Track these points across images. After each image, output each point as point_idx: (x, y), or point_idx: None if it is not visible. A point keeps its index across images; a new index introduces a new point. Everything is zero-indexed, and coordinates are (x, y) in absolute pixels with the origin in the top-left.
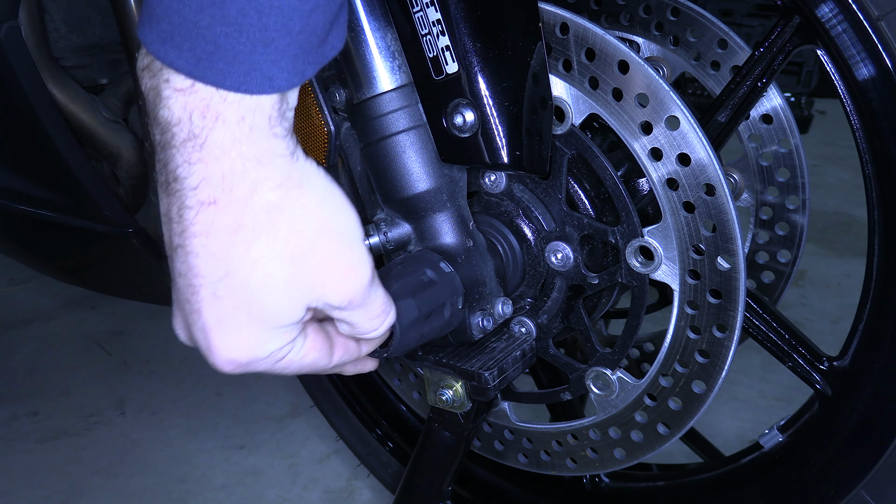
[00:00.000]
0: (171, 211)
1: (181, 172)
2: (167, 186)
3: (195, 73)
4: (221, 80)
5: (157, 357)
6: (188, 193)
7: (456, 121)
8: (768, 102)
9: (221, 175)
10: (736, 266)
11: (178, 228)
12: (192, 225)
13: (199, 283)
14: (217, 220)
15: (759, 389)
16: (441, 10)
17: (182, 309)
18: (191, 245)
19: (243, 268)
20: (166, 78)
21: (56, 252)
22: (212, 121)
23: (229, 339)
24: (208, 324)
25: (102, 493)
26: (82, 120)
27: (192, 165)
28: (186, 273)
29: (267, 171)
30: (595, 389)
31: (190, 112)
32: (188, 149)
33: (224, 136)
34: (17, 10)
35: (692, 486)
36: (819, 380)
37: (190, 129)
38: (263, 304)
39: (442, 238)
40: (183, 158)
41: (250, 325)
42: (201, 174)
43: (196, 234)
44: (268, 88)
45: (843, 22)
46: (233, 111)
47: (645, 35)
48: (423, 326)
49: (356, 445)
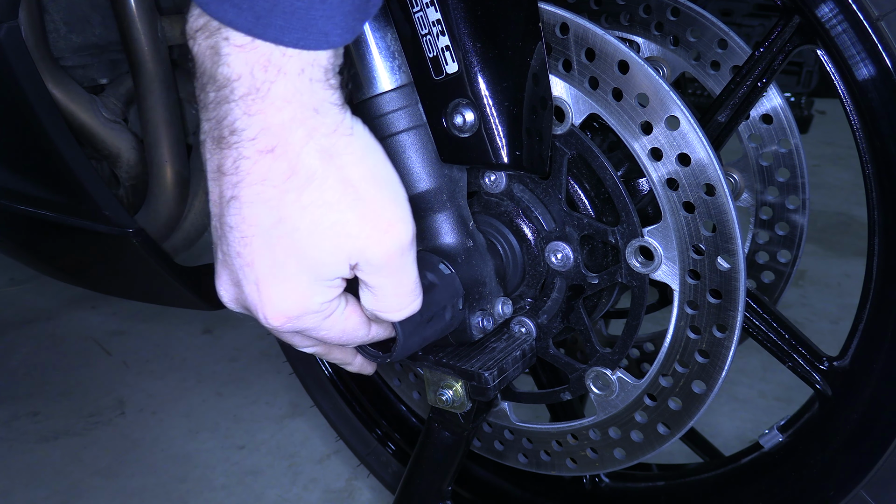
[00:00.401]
0: (224, 164)
1: (239, 125)
2: (221, 141)
3: (255, 31)
4: (280, 37)
5: (157, 357)
6: (246, 144)
7: (456, 121)
8: (768, 102)
9: (281, 123)
10: (736, 266)
11: (235, 180)
12: (248, 174)
13: (253, 232)
14: (273, 168)
15: (759, 389)
16: (441, 10)
17: (231, 266)
18: (246, 194)
19: (294, 213)
20: (225, 36)
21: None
22: (273, 74)
23: (280, 289)
24: (260, 274)
25: (102, 493)
26: (82, 120)
27: (251, 117)
28: (239, 224)
29: (322, 118)
30: (595, 389)
31: (251, 67)
32: (248, 102)
33: (286, 88)
34: (17, 10)
35: (692, 486)
36: (819, 380)
37: (251, 83)
38: (310, 250)
39: (442, 238)
40: (242, 111)
41: (299, 275)
42: (261, 124)
43: (252, 183)
44: (324, 44)
45: (843, 22)
46: (293, 65)
47: (645, 35)
48: (425, 330)
49: (356, 445)
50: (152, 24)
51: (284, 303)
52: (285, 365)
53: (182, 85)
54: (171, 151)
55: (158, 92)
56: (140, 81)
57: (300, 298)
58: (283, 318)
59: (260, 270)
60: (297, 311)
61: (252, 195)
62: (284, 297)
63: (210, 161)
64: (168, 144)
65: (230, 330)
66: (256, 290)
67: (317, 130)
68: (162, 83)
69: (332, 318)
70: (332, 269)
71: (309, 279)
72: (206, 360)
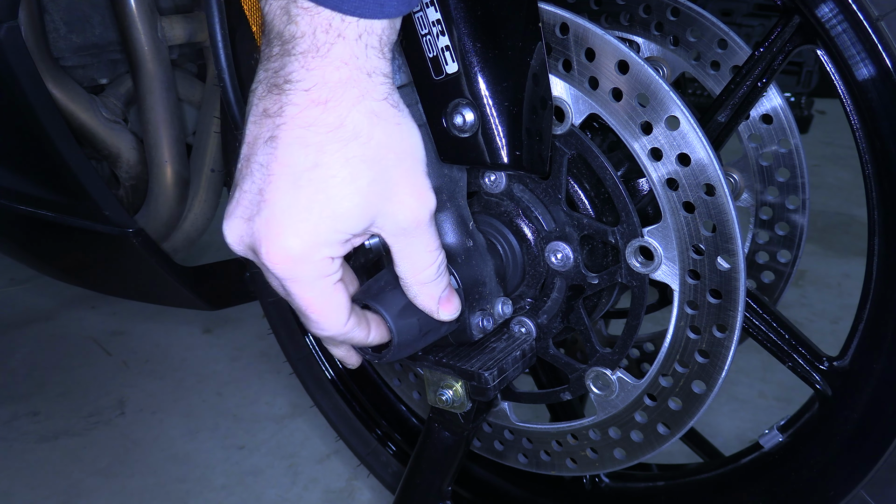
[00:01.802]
0: (271, 108)
1: (296, 76)
2: (275, 88)
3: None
4: (339, 5)
5: (157, 357)
6: (299, 93)
7: (456, 121)
8: (768, 102)
9: (338, 80)
10: (736, 266)
11: (278, 122)
12: (293, 119)
13: (282, 171)
14: (322, 118)
15: (759, 389)
16: (441, 10)
17: (248, 203)
18: (286, 136)
19: (334, 162)
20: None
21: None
22: (334, 36)
23: (292, 228)
24: (277, 210)
25: (102, 493)
26: (82, 120)
27: (309, 71)
28: (271, 164)
29: (375, 84)
30: (595, 389)
31: (314, 28)
32: (307, 58)
33: (344, 51)
34: (17, 10)
35: (692, 486)
36: (819, 380)
37: (313, 42)
38: (340, 200)
39: (442, 238)
40: (300, 65)
41: (318, 220)
42: (317, 79)
43: (296, 127)
44: (378, 13)
45: (843, 22)
46: (352, 30)
47: (645, 35)
48: (419, 342)
49: (356, 445)
50: (152, 24)
51: (290, 241)
52: (285, 365)
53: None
54: (171, 151)
55: (158, 92)
56: (140, 81)
57: (308, 242)
58: (283, 256)
59: (277, 207)
60: (299, 252)
61: (293, 138)
62: (293, 237)
63: (256, 105)
64: (168, 144)
65: (230, 330)
66: (266, 224)
67: (369, 94)
68: (162, 83)
69: (324, 282)
70: (352, 224)
71: (326, 228)
72: (206, 360)
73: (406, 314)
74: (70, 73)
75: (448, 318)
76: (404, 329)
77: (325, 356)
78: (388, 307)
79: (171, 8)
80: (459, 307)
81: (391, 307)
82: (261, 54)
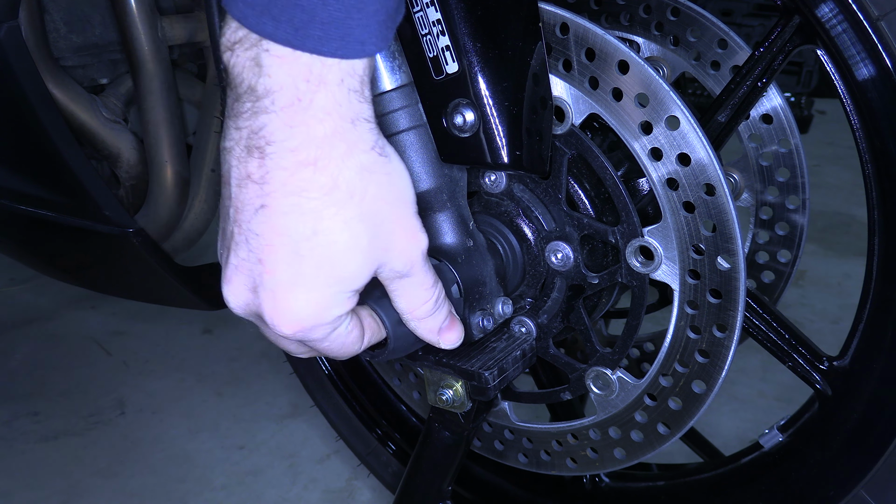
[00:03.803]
0: (254, 174)
1: (279, 136)
2: (255, 150)
3: (294, 43)
4: (320, 47)
5: (157, 357)
6: (285, 155)
7: (456, 121)
8: (768, 102)
9: (323, 135)
10: (736, 266)
11: (267, 189)
12: (283, 185)
13: (281, 242)
14: (314, 180)
15: (759, 389)
16: (441, 10)
17: (249, 272)
18: (279, 205)
19: (334, 227)
20: (266, 48)
21: (56, 252)
22: (315, 85)
23: (301, 299)
24: (281, 283)
25: (102, 493)
26: (82, 120)
27: (292, 129)
28: (267, 233)
29: (360, 133)
30: (595, 389)
31: (294, 78)
32: (289, 113)
33: (326, 99)
34: (17, 10)
35: (692, 486)
36: (819, 380)
37: (294, 94)
38: (346, 264)
39: (442, 238)
40: (282, 122)
41: (325, 286)
42: (302, 136)
43: (288, 194)
44: (360, 52)
45: (843, 22)
46: (333, 74)
47: (645, 35)
48: (415, 345)
49: (356, 445)
50: (152, 24)
51: (301, 312)
52: (285, 365)
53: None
54: (171, 151)
55: (158, 92)
56: (140, 81)
57: (318, 309)
58: (296, 327)
59: (281, 279)
60: (311, 321)
61: (287, 206)
62: (303, 307)
63: (237, 168)
64: (168, 144)
65: (230, 330)
66: (273, 297)
67: (356, 146)
68: (162, 83)
69: (338, 331)
70: (358, 282)
71: (332, 291)
72: (206, 360)
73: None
74: (70, 73)
75: (450, 347)
76: (401, 336)
77: (324, 356)
78: (387, 312)
79: (171, 8)
80: (461, 335)
81: (390, 313)
82: (226, 107)
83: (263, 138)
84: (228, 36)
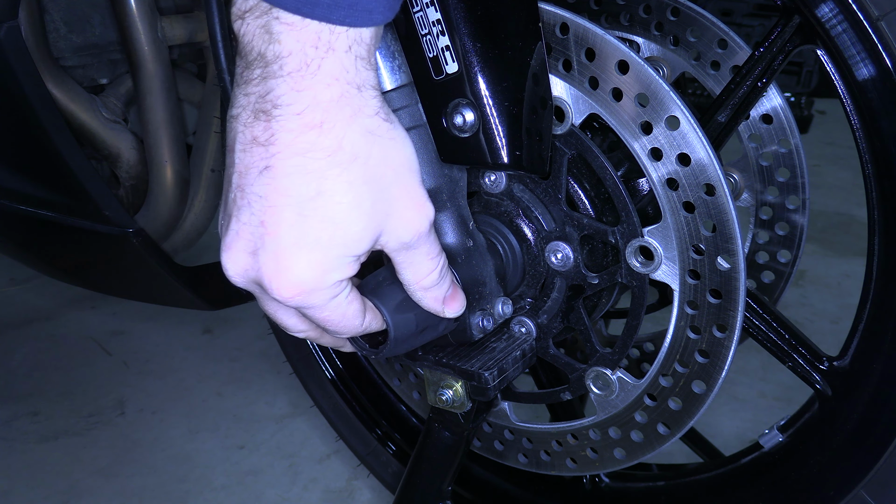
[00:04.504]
0: (261, 136)
1: (285, 100)
2: (262, 114)
3: (304, 10)
4: (329, 15)
5: (157, 357)
6: (291, 118)
7: (456, 121)
8: (768, 102)
9: (329, 99)
10: (736, 266)
11: (272, 150)
12: (287, 147)
13: (285, 202)
14: (318, 142)
15: (759, 389)
16: (441, 10)
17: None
18: (283, 166)
19: (338, 188)
20: (276, 16)
21: (56, 252)
22: (323, 51)
23: (302, 260)
24: (284, 243)
25: (102, 493)
26: (82, 120)
27: (299, 93)
28: (270, 194)
29: (366, 99)
30: (595, 389)
31: (303, 44)
32: (296, 78)
33: (334, 65)
34: (17, 10)
35: (692, 486)
36: (819, 380)
37: (303, 59)
38: (348, 225)
39: (442, 238)
40: (289, 87)
41: (327, 248)
42: (308, 100)
43: (293, 155)
44: (368, 21)
45: (843, 22)
46: (342, 42)
47: (645, 35)
48: (417, 339)
49: (356, 445)
50: (152, 24)
51: (302, 274)
52: (285, 365)
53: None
54: (171, 151)
55: (158, 92)
56: (140, 81)
57: (319, 271)
58: (295, 290)
59: (284, 239)
60: (311, 283)
61: (291, 167)
62: (304, 269)
63: (243, 133)
64: (168, 144)
65: (230, 330)
66: (274, 259)
67: (361, 111)
68: (162, 83)
69: (338, 300)
70: (360, 247)
71: (336, 253)
72: (206, 360)
73: (403, 309)
74: (70, 73)
75: (454, 315)
76: (401, 324)
77: (324, 356)
78: (385, 302)
79: (171, 8)
80: (464, 304)
81: (389, 302)
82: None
83: (270, 102)
84: (239, 5)
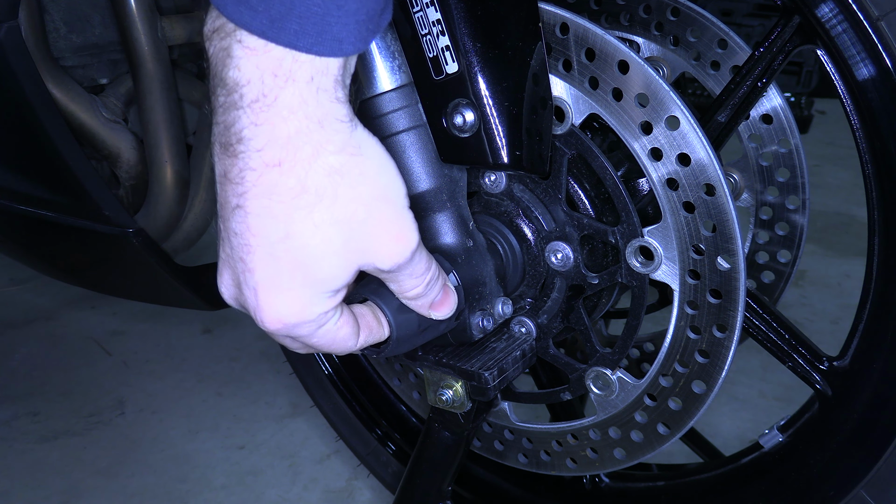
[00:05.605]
0: (230, 172)
1: (247, 134)
2: (229, 148)
3: (269, 34)
4: (295, 41)
5: (157, 357)
6: (252, 155)
7: (456, 121)
8: (768, 102)
9: (287, 136)
10: (736, 266)
11: (240, 189)
12: (254, 186)
13: (257, 243)
14: (281, 183)
15: (759, 389)
16: (441, 10)
17: (233, 268)
18: (253, 206)
19: (305, 231)
20: (239, 39)
21: (56, 252)
22: (283, 81)
23: (281, 298)
24: (261, 283)
25: (102, 493)
26: (82, 120)
27: (258, 127)
28: (244, 233)
29: (328, 134)
30: (595, 389)
31: (262, 72)
32: (255, 110)
33: (292, 97)
34: (17, 10)
35: (692, 486)
36: (819, 380)
37: (261, 89)
38: (320, 267)
39: (442, 238)
40: (249, 120)
41: (303, 287)
42: (267, 136)
43: (258, 196)
44: (337, 51)
45: (843, 22)
46: (304, 71)
47: (645, 35)
48: (418, 338)
49: (356, 445)
50: (152, 24)
51: (282, 310)
52: (285, 365)
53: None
54: (171, 151)
55: (158, 92)
56: (140, 81)
57: (299, 308)
58: (279, 325)
59: (260, 278)
60: (294, 318)
61: (259, 208)
62: (283, 306)
63: (217, 166)
64: (168, 144)
65: (230, 330)
66: (255, 295)
67: (323, 148)
68: (162, 83)
69: (326, 328)
70: (337, 282)
71: (312, 292)
72: (206, 360)
73: (405, 309)
74: (70, 73)
75: (441, 318)
76: (403, 324)
77: (324, 356)
78: (387, 302)
79: (171, 8)
80: (454, 306)
81: (390, 302)
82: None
83: (235, 135)
84: (209, 24)
